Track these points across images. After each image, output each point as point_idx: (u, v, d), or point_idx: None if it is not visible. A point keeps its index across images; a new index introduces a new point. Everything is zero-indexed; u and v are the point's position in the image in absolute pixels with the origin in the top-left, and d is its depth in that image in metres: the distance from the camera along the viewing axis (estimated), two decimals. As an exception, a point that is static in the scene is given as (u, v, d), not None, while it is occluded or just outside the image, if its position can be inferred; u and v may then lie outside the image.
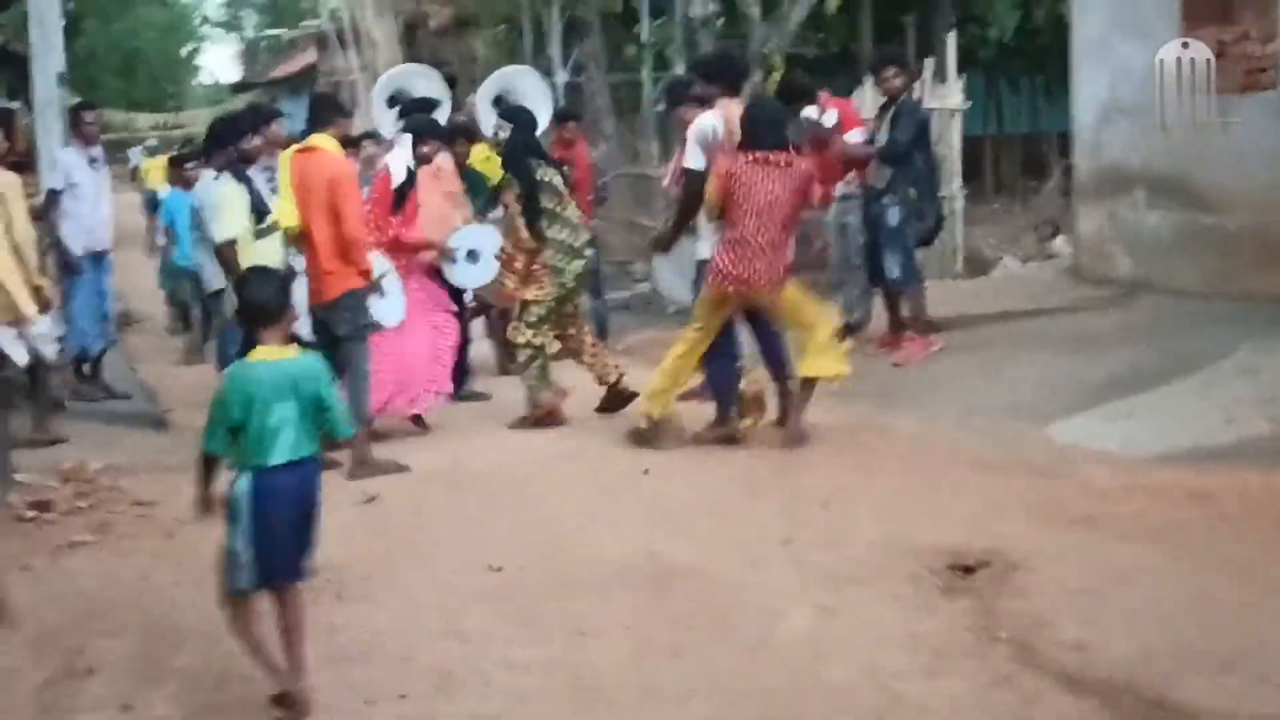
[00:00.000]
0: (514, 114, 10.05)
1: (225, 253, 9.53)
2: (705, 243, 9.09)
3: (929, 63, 17.34)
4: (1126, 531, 6.74)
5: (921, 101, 11.22)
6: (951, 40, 17.68)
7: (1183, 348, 9.76)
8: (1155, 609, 5.84)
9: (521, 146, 9.76)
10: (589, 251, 9.99)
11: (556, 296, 9.73)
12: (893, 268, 10.91)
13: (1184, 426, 8.40)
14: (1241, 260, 11.14)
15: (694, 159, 9.09)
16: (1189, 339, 9.97)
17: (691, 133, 9.22)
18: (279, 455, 5.18)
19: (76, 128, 11.59)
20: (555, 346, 9.89)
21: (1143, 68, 12.02)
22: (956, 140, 16.90)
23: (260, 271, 5.76)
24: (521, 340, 9.74)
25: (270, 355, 5.29)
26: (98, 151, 11.64)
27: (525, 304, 9.76)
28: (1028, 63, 28.30)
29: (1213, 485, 7.32)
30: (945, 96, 16.78)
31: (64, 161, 11.33)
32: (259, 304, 5.36)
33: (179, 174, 14.95)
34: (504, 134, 9.87)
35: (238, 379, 5.25)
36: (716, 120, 9.06)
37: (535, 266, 9.71)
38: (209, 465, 5.30)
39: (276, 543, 5.23)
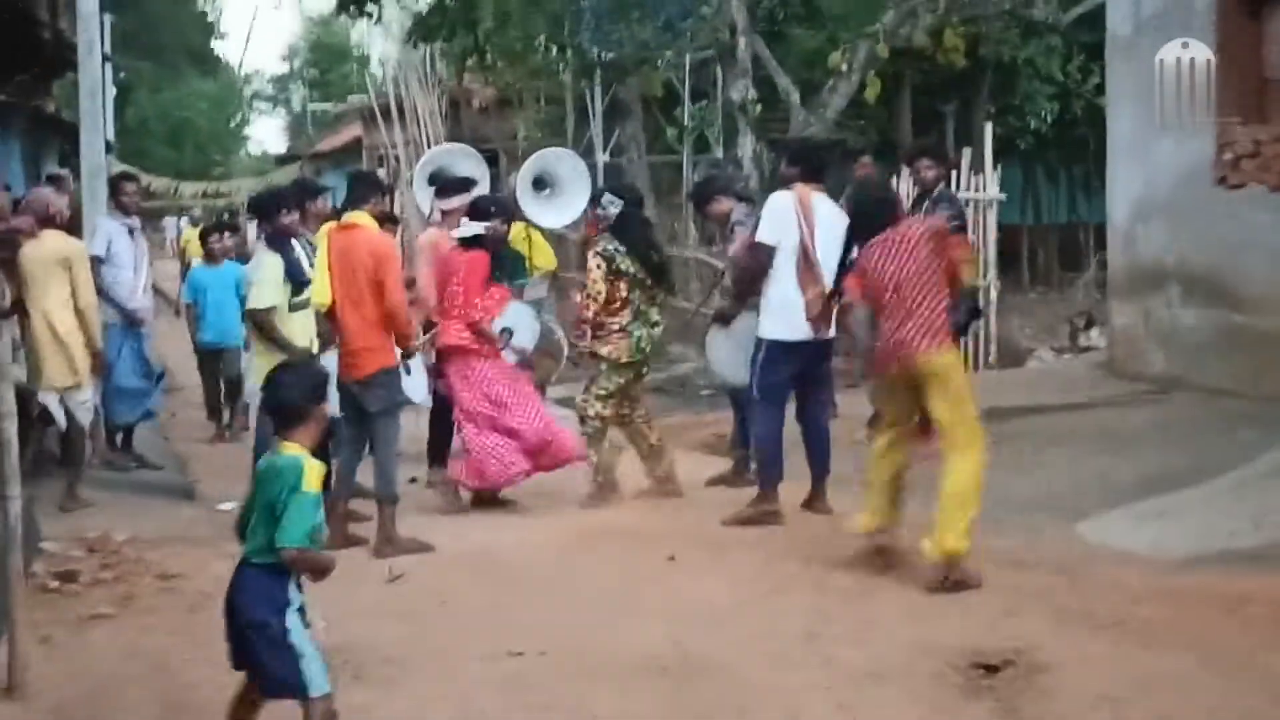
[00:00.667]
0: (622, 191, 10.36)
1: (258, 320, 9.60)
2: (769, 320, 9.13)
3: (966, 152, 17.41)
4: (1154, 636, 6.68)
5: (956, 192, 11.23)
6: (989, 130, 17.75)
7: (1214, 448, 9.72)
8: (1182, 715, 5.79)
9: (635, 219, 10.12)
10: (658, 325, 10.10)
11: (629, 363, 9.84)
12: None
13: (1214, 529, 8.35)
14: (1274, 362, 11.10)
15: (767, 233, 9.15)
16: (1221, 439, 9.93)
17: (767, 209, 9.31)
18: (247, 550, 5.18)
19: (116, 197, 11.73)
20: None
21: (1177, 165, 12.08)
22: (992, 230, 16.94)
23: (293, 368, 5.61)
24: (592, 412, 9.86)
25: (287, 451, 5.21)
26: (136, 222, 11.73)
27: (595, 377, 9.89)
28: (1065, 154, 28.35)
29: (1242, 591, 7.26)
30: (982, 186, 16.84)
31: (104, 229, 11.46)
32: (287, 403, 5.26)
33: (208, 247, 14.54)
34: (611, 209, 9.99)
35: (260, 468, 5.29)
36: (790, 200, 9.15)
37: (612, 324, 9.83)
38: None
39: (236, 641, 5.22)
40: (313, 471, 5.08)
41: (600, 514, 9.65)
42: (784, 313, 9.02)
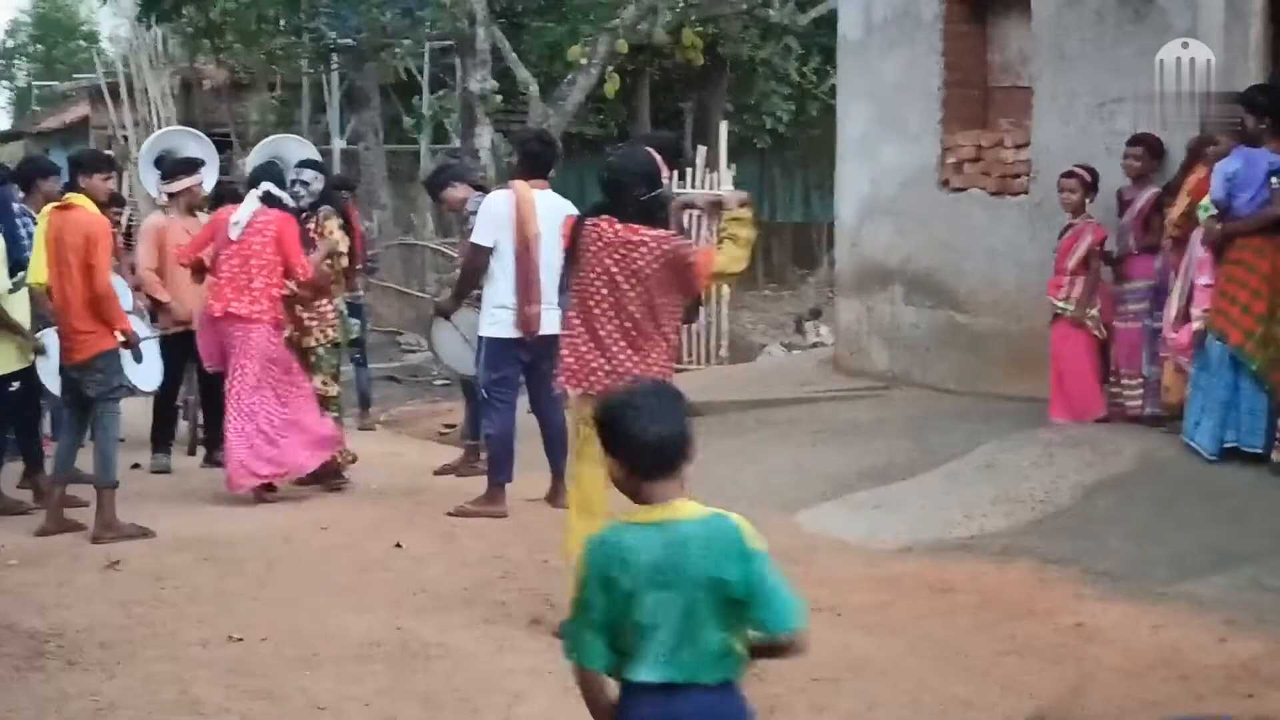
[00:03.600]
0: (321, 165, 10.29)
1: None
2: (488, 318, 9.12)
3: (702, 150, 17.67)
4: (866, 621, 6.91)
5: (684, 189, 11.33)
6: (724, 128, 18.04)
7: (931, 442, 10.04)
8: (889, 698, 5.99)
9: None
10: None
11: (334, 343, 9.99)
12: None
13: (927, 520, 8.64)
14: (990, 359, 11.50)
15: (481, 234, 9.12)
16: (937, 434, 10.26)
17: (482, 209, 9.28)
18: (648, 669, 3.52)
19: None
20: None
21: (902, 168, 12.43)
22: (726, 227, 17.18)
23: (653, 395, 3.65)
24: (335, 393, 9.95)
25: (653, 515, 3.57)
26: None
27: (316, 353, 9.84)
28: (801, 154, 28.97)
29: (952, 579, 7.54)
30: (716, 184, 17.11)
31: None
32: (656, 442, 3.55)
33: None
34: (315, 185, 9.97)
35: (598, 549, 3.59)
36: (506, 199, 9.13)
37: (327, 310, 9.87)
38: (590, 683, 3.61)
39: None
40: None
41: (329, 502, 9.57)
42: (502, 312, 9.03)
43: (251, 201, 9.53)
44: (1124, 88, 10.28)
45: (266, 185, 9.61)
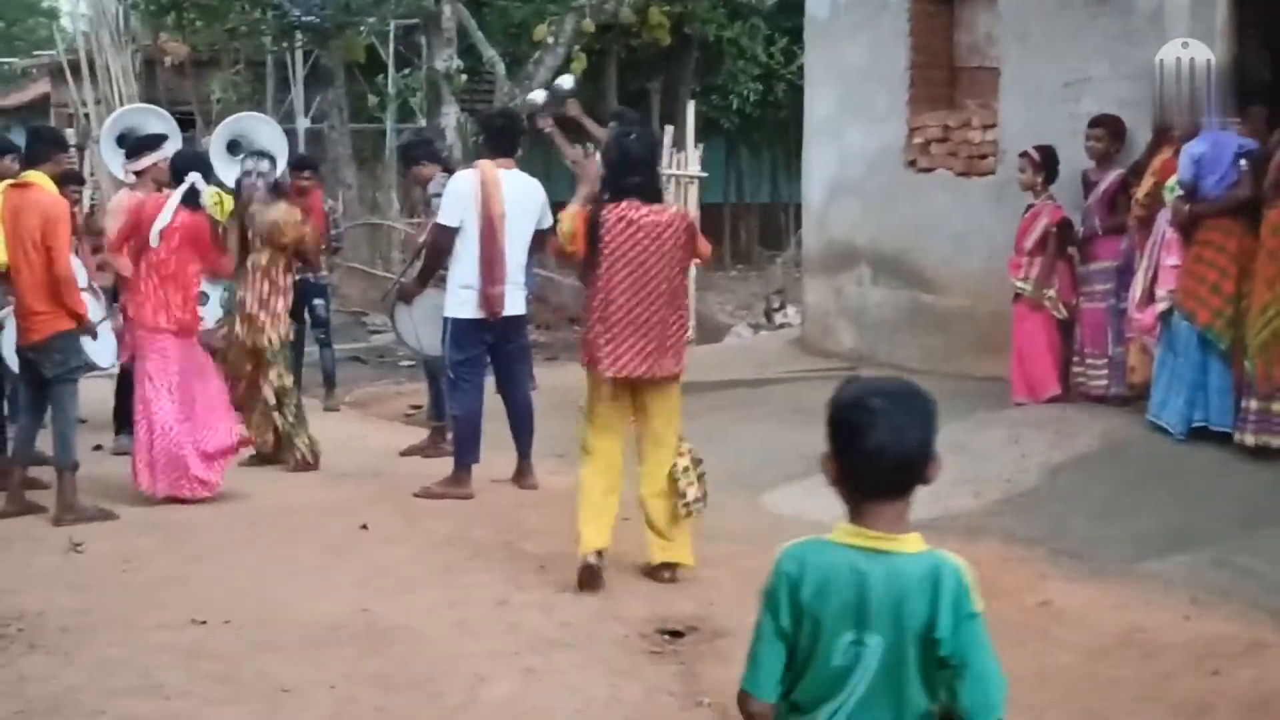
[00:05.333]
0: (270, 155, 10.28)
1: None
2: (452, 299, 9.07)
3: (669, 130, 17.63)
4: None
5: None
6: (691, 108, 18.01)
7: (897, 422, 10.02)
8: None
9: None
10: None
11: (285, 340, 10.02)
12: None
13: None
14: (956, 340, 11.53)
15: (446, 215, 9.07)
16: (903, 414, 10.23)
17: (447, 190, 9.22)
18: (833, 718, 3.05)
19: None
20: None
21: (870, 149, 12.43)
22: (694, 207, 17.19)
23: (900, 401, 3.08)
24: (290, 383, 9.92)
25: (868, 541, 3.05)
26: None
27: (274, 349, 9.81)
28: (768, 134, 28.95)
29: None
30: (683, 164, 17.09)
31: None
32: (890, 461, 3.02)
33: None
34: (270, 176, 9.97)
35: (794, 564, 3.07)
36: (471, 179, 9.07)
37: (280, 308, 9.91)
38: (760, 712, 3.12)
39: None
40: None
41: (295, 483, 9.53)
42: (466, 292, 8.99)
43: (175, 198, 9.25)
44: (1089, 69, 10.30)
45: (193, 177, 9.34)
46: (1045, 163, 9.99)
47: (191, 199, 9.29)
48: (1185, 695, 5.76)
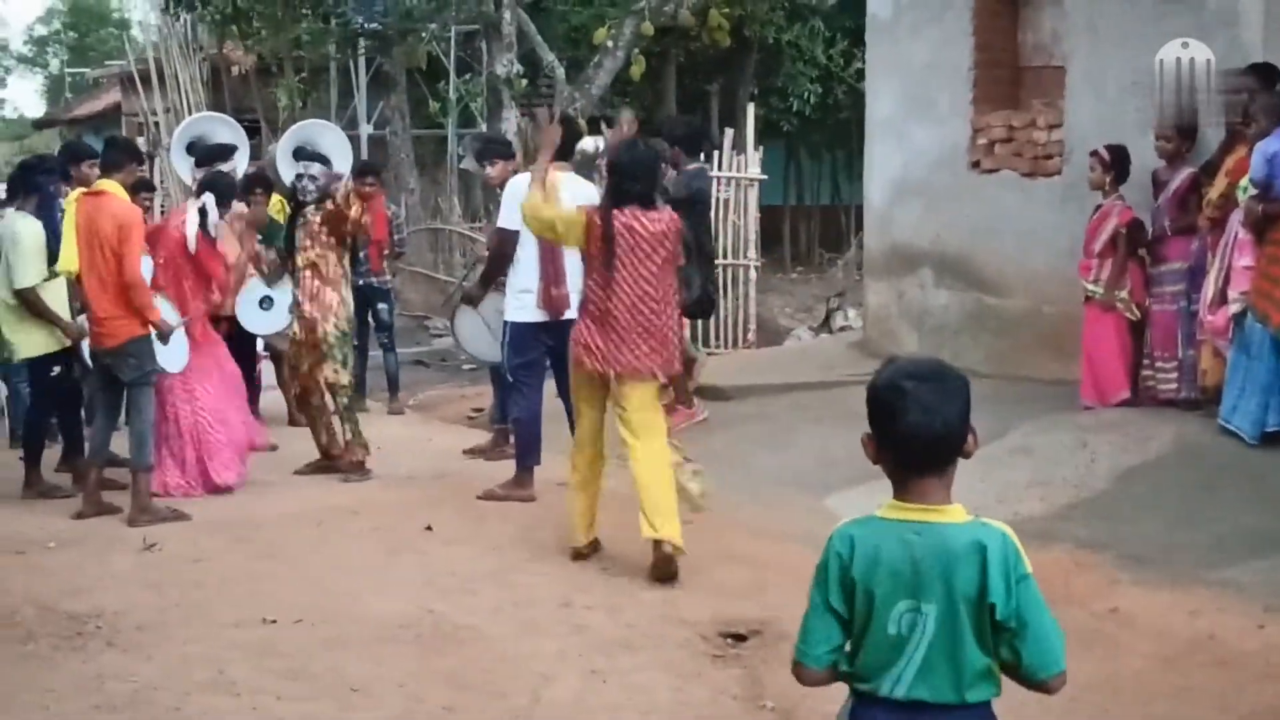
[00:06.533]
0: (324, 158, 10.09)
1: (27, 298, 9.28)
2: (512, 302, 9.07)
3: (729, 132, 17.61)
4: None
5: (704, 174, 11.20)
6: (751, 110, 17.98)
7: (962, 425, 9.94)
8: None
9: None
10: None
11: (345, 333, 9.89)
12: None
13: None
14: (1021, 343, 11.43)
15: (507, 218, 9.08)
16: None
17: (507, 193, 9.24)
18: (893, 684, 3.19)
19: None
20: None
21: (933, 149, 12.36)
22: (753, 209, 17.17)
23: (934, 381, 3.23)
24: (346, 381, 9.81)
25: (913, 514, 3.21)
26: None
27: (326, 343, 9.74)
28: (828, 136, 28.86)
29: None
30: (743, 166, 17.07)
31: None
32: (929, 437, 3.19)
33: None
34: (322, 180, 9.81)
35: (844, 542, 3.24)
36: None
37: (332, 300, 9.80)
38: (812, 680, 3.31)
39: None
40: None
41: (360, 486, 9.56)
42: (526, 296, 8.98)
43: (193, 215, 9.46)
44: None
45: (207, 199, 9.57)
46: (1115, 162, 9.88)
47: (201, 219, 9.48)
48: (1258, 704, 5.69)
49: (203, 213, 9.48)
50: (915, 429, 3.15)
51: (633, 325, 7.40)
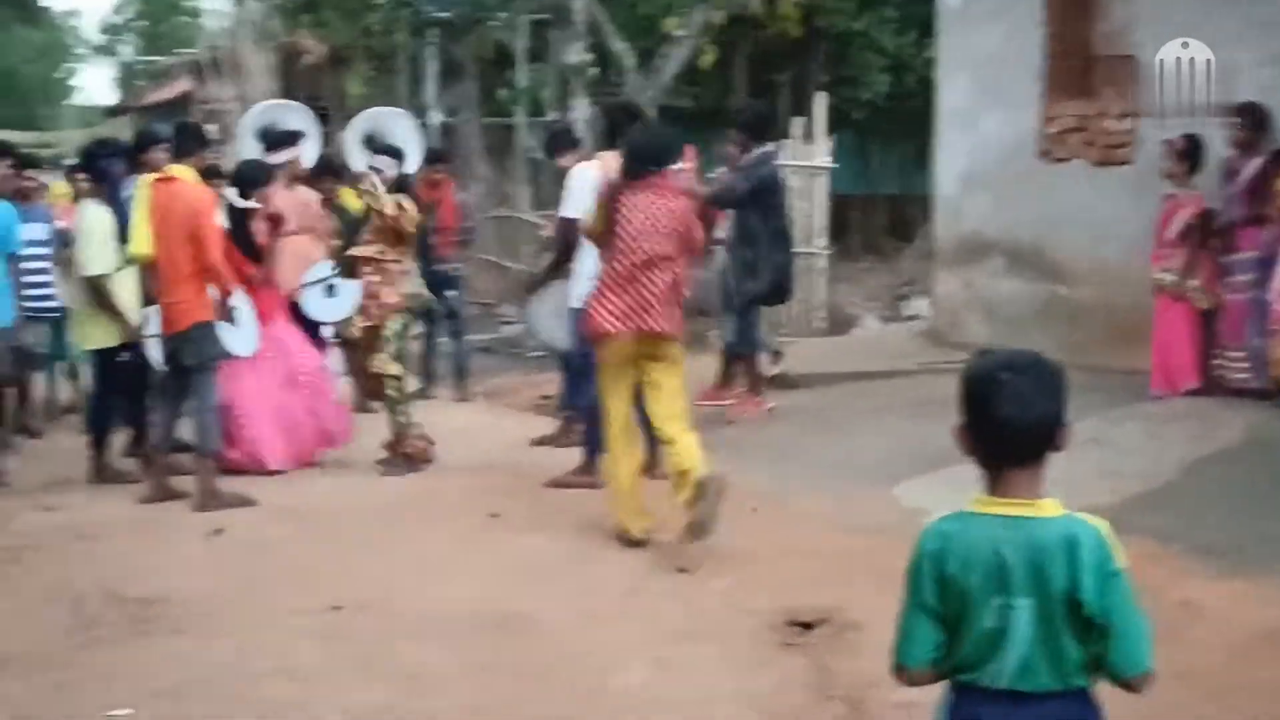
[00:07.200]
0: (399, 151, 10.09)
1: (96, 286, 9.36)
2: (580, 289, 9.08)
3: (798, 121, 17.56)
4: (964, 595, 6.82)
5: (771, 159, 11.16)
6: (822, 100, 17.92)
7: (1031, 415, 9.89)
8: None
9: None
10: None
11: (405, 325, 9.88)
12: (728, 330, 10.94)
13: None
14: (1091, 332, 11.37)
15: (571, 207, 9.10)
16: (1038, 407, 10.11)
17: (571, 182, 9.27)
18: (993, 677, 3.16)
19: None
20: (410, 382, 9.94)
21: (1003, 139, 12.30)
22: (823, 198, 17.12)
23: (1030, 372, 3.17)
24: (393, 371, 9.73)
25: (1005, 508, 3.16)
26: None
27: (380, 334, 9.75)
28: (898, 126, 28.68)
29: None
30: (812, 155, 17.02)
31: None
32: (1023, 429, 3.13)
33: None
34: (389, 171, 9.83)
35: (935, 540, 3.20)
36: (593, 172, 9.09)
37: (389, 296, 9.77)
38: (916, 681, 3.31)
39: None
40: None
41: (426, 473, 9.60)
42: (593, 282, 8.98)
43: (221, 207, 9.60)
44: (1231, 56, 10.09)
45: (230, 192, 9.80)
46: (1189, 152, 9.80)
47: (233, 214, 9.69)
48: (1331, 696, 5.63)
49: (233, 209, 9.61)
50: (1010, 420, 3.11)
51: (649, 291, 7.76)
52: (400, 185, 9.95)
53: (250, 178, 9.84)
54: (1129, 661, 3.12)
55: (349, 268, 10.10)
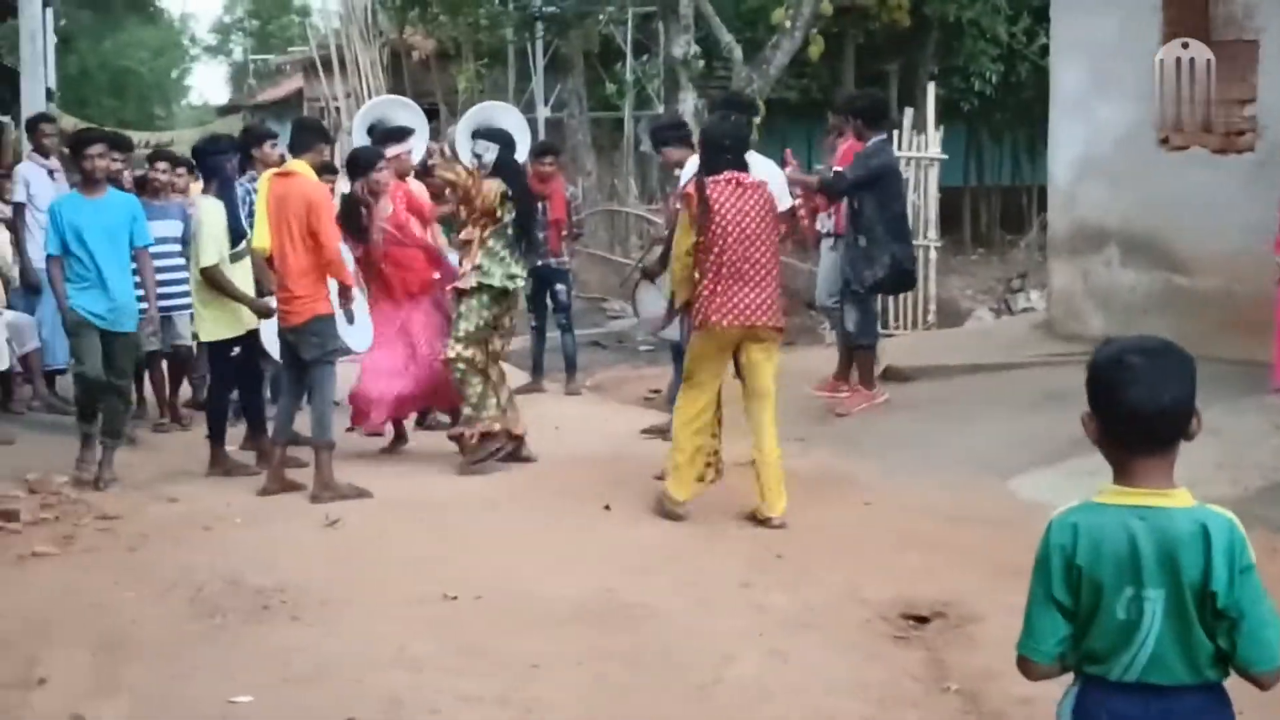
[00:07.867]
0: (498, 134, 10.02)
1: (210, 276, 9.46)
2: None
3: (909, 112, 17.44)
4: (1082, 588, 6.74)
5: (887, 146, 11.07)
6: (931, 90, 17.79)
7: (1149, 407, 9.76)
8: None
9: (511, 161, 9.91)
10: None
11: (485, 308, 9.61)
12: (849, 320, 10.87)
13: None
14: (1211, 322, 11.17)
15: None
16: (1156, 398, 9.96)
17: (683, 173, 9.28)
18: (1124, 669, 3.11)
19: (35, 139, 11.50)
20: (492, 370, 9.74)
21: (1119, 126, 12.11)
22: (933, 190, 17.00)
23: (1158, 357, 3.11)
24: (454, 354, 9.47)
25: (1135, 498, 3.09)
26: (55, 163, 11.48)
27: (454, 319, 9.66)
28: (1009, 116, 28.44)
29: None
30: (923, 146, 16.90)
31: (23, 174, 11.23)
32: (1152, 415, 3.05)
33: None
34: (488, 156, 9.76)
35: (1064, 531, 3.12)
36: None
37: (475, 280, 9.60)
38: (1041, 675, 3.24)
39: None
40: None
41: (537, 466, 9.61)
42: None
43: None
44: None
45: (343, 183, 10.06)
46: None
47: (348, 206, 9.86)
48: None
49: (346, 198, 9.77)
50: (1140, 405, 3.04)
51: (748, 282, 7.91)
52: (499, 170, 9.78)
53: (366, 162, 9.84)
54: (1259, 656, 3.03)
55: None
